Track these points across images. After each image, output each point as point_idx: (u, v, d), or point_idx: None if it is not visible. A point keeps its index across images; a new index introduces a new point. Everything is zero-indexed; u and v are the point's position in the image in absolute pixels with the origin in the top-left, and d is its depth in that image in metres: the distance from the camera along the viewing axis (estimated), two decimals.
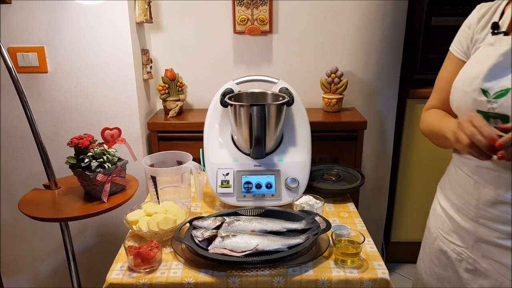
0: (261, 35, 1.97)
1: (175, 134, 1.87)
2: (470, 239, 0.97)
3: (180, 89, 1.99)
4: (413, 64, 2.01)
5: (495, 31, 0.91)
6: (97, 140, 1.45)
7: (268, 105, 1.31)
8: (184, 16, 1.94)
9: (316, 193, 1.33)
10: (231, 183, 1.34)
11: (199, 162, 1.37)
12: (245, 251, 1.04)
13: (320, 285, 1.02)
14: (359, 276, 1.02)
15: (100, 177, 1.35)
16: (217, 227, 1.14)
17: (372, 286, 1.02)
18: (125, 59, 1.72)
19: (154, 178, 1.32)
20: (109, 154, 1.39)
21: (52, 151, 1.53)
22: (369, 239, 1.17)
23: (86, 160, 1.36)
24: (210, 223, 1.14)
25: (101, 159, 1.37)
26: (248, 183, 1.34)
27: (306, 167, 1.38)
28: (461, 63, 1.00)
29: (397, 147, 2.14)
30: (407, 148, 2.10)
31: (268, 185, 1.34)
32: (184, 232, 1.14)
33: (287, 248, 1.06)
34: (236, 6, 1.89)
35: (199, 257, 1.07)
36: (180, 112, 1.97)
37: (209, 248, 1.06)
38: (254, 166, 1.37)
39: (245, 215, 1.23)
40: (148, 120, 1.89)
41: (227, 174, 1.36)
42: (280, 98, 1.37)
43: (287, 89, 1.41)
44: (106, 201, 1.39)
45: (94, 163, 1.35)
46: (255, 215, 1.23)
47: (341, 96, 1.97)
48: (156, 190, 1.33)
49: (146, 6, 1.77)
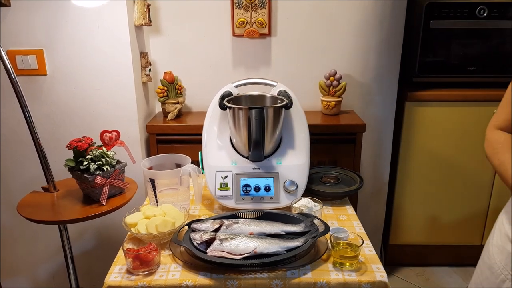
0: (260, 38, 1.97)
1: (174, 137, 1.87)
2: None
3: (179, 92, 1.99)
4: (412, 67, 2.01)
5: None
6: (96, 143, 1.45)
7: (267, 108, 1.31)
8: (183, 19, 1.95)
9: (315, 196, 1.33)
10: (230, 186, 1.35)
11: (198, 165, 1.37)
12: (244, 254, 1.04)
13: None
14: (358, 279, 1.02)
15: (99, 180, 1.35)
16: (216, 230, 1.14)
17: None
18: (124, 62, 1.72)
19: (153, 181, 1.32)
20: (108, 157, 1.39)
21: (51, 154, 1.53)
22: (368, 242, 1.17)
23: (85, 163, 1.36)
24: (209, 226, 1.14)
25: (100, 162, 1.37)
26: (247, 186, 1.34)
27: (305, 170, 1.38)
28: None
29: (396, 150, 2.15)
30: (406, 151, 2.10)
31: (267, 188, 1.34)
32: (183, 235, 1.14)
33: (286, 251, 1.06)
34: (235, 9, 1.90)
35: (198, 260, 1.07)
36: (179, 115, 1.98)
37: (208, 251, 1.06)
38: (253, 169, 1.38)
39: (244, 218, 1.23)
40: (147, 123, 1.89)
41: (226, 177, 1.36)
42: (279, 101, 1.37)
43: (286, 92, 1.41)
44: (105, 204, 1.38)
45: (93, 166, 1.35)
46: (254, 218, 1.23)
47: (340, 99, 1.97)
48: (155, 193, 1.33)
49: (145, 9, 1.77)
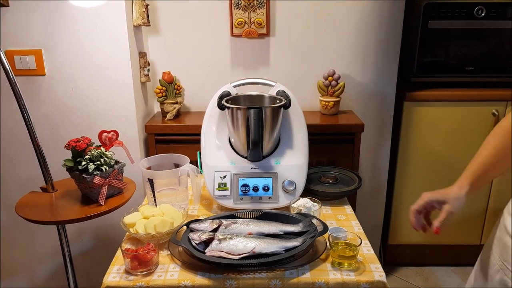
0: (258, 38, 1.97)
1: (173, 137, 1.87)
2: None
3: (178, 92, 1.99)
4: (410, 67, 2.02)
5: None
6: (95, 143, 1.45)
7: (265, 108, 1.31)
8: (182, 19, 1.95)
9: (313, 196, 1.33)
10: (228, 186, 1.35)
11: (196, 165, 1.38)
12: (242, 254, 1.04)
13: None
14: (356, 279, 1.02)
15: (97, 180, 1.35)
16: (214, 230, 1.14)
17: None
18: (123, 62, 1.72)
19: (151, 181, 1.32)
20: (107, 157, 1.39)
21: (49, 154, 1.53)
22: (366, 242, 1.17)
23: (83, 163, 1.36)
24: (207, 226, 1.14)
25: (98, 162, 1.36)
26: (245, 186, 1.34)
27: (303, 170, 1.39)
28: None
29: (395, 150, 2.15)
30: (405, 151, 2.11)
31: (265, 188, 1.34)
32: (181, 235, 1.14)
33: (284, 251, 1.06)
34: (234, 9, 1.90)
35: (196, 260, 1.07)
36: (178, 115, 1.98)
37: (206, 251, 1.06)
38: (251, 169, 1.38)
39: (242, 218, 1.23)
40: (146, 123, 1.89)
41: (224, 177, 1.36)
42: (277, 101, 1.38)
43: (284, 92, 1.41)
44: (103, 204, 1.38)
45: (91, 166, 1.35)
46: (252, 218, 1.23)
47: (338, 99, 1.97)
48: (153, 193, 1.33)
49: (144, 9, 1.77)
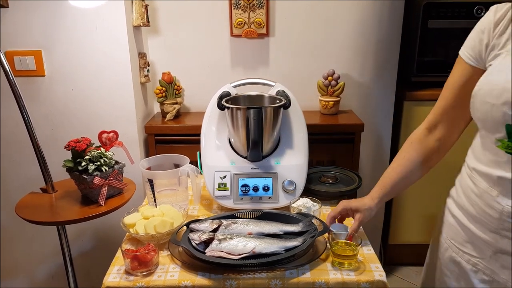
0: (258, 38, 1.97)
1: (172, 137, 1.87)
2: (488, 250, 0.94)
3: (177, 92, 1.99)
4: (410, 67, 2.02)
5: None
6: (94, 144, 1.45)
7: (265, 108, 1.31)
8: (181, 20, 1.95)
9: (313, 196, 1.33)
10: (228, 186, 1.35)
11: (196, 165, 1.37)
12: (242, 254, 1.04)
13: None
14: (356, 279, 1.02)
15: (97, 181, 1.35)
16: (214, 230, 1.14)
17: None
18: (122, 63, 1.72)
19: (151, 181, 1.32)
20: (106, 158, 1.39)
21: (49, 155, 1.53)
22: (367, 241, 1.17)
23: (83, 164, 1.36)
24: (207, 226, 1.14)
25: (98, 163, 1.36)
26: (245, 186, 1.34)
27: (303, 170, 1.38)
28: (473, 70, 0.96)
29: (394, 150, 2.15)
30: None
31: (265, 188, 1.34)
32: (181, 235, 1.14)
33: (284, 251, 1.06)
34: (233, 9, 1.90)
35: (196, 260, 1.07)
36: (177, 115, 1.98)
37: (206, 251, 1.06)
38: (251, 169, 1.38)
39: (242, 218, 1.23)
40: (145, 123, 1.89)
41: (224, 177, 1.36)
42: (277, 101, 1.37)
43: (284, 92, 1.41)
44: (103, 205, 1.38)
45: (91, 167, 1.35)
46: (252, 218, 1.23)
47: (338, 99, 1.97)
48: (153, 193, 1.33)
49: (143, 10, 1.77)
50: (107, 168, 1.38)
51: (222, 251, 1.05)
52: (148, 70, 1.91)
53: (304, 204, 1.26)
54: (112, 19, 1.66)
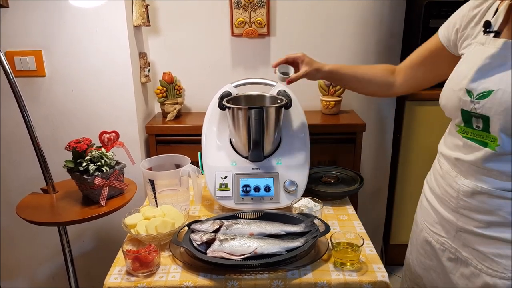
0: (259, 38, 1.97)
1: (173, 138, 1.87)
2: (452, 230, 1.02)
3: (178, 92, 1.98)
4: None
5: (487, 30, 0.92)
6: (95, 144, 1.44)
7: (266, 108, 1.30)
8: (182, 19, 1.94)
9: (315, 196, 1.33)
10: (230, 186, 1.34)
11: (197, 165, 1.37)
12: (244, 255, 1.04)
13: None
14: (359, 279, 1.02)
15: (98, 181, 1.35)
16: (216, 231, 1.13)
17: None
18: (123, 63, 1.71)
19: (152, 182, 1.32)
20: (107, 158, 1.39)
21: (50, 155, 1.53)
22: (368, 242, 1.17)
23: (84, 164, 1.35)
24: (209, 227, 1.14)
25: (99, 163, 1.36)
26: (247, 186, 1.34)
27: (305, 170, 1.38)
28: (441, 47, 1.08)
29: (396, 149, 2.14)
30: (406, 150, 2.10)
31: (267, 188, 1.34)
32: (183, 236, 1.14)
33: (286, 251, 1.05)
34: (234, 9, 1.89)
35: (198, 261, 1.06)
36: (178, 116, 1.97)
37: (208, 252, 1.05)
38: (253, 169, 1.37)
39: (244, 218, 1.22)
40: (146, 124, 1.89)
41: (226, 177, 1.35)
42: (278, 101, 1.37)
43: (285, 92, 1.41)
44: (104, 205, 1.38)
45: (92, 167, 1.35)
46: (254, 218, 1.23)
47: (340, 99, 1.97)
48: (154, 194, 1.33)
49: (144, 10, 1.77)
50: (108, 169, 1.38)
51: (224, 252, 1.04)
52: (149, 70, 1.90)
53: (306, 205, 1.26)
54: (113, 19, 1.66)
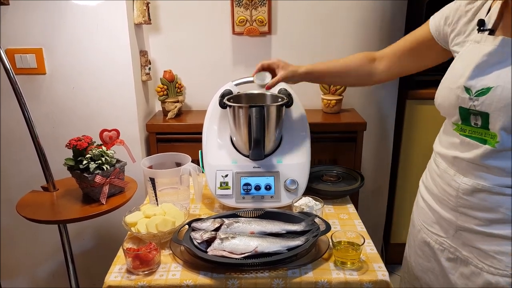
0: (260, 36, 1.96)
1: (174, 136, 1.86)
2: (451, 229, 1.02)
3: (179, 91, 1.98)
4: None
5: (481, 28, 0.92)
6: (96, 142, 1.44)
7: (267, 107, 1.30)
8: (183, 17, 1.94)
9: (316, 195, 1.33)
10: (230, 185, 1.34)
11: (198, 164, 1.37)
12: (244, 253, 1.04)
13: (320, 287, 1.01)
14: (359, 278, 1.02)
15: (99, 179, 1.35)
16: (216, 229, 1.13)
17: None
18: (124, 61, 1.71)
19: (153, 180, 1.32)
20: (108, 156, 1.38)
21: (50, 153, 1.52)
22: (369, 241, 1.17)
23: (85, 162, 1.35)
24: (209, 225, 1.14)
25: (100, 161, 1.36)
26: (247, 185, 1.34)
27: (306, 169, 1.38)
28: (430, 38, 1.07)
29: (397, 148, 2.14)
30: (407, 149, 2.10)
31: (267, 187, 1.34)
32: (183, 234, 1.14)
33: (287, 250, 1.05)
34: (235, 7, 1.89)
35: (198, 259, 1.06)
36: (179, 114, 1.97)
37: (208, 250, 1.05)
38: (253, 168, 1.37)
39: (244, 217, 1.22)
40: (147, 122, 1.88)
41: (226, 176, 1.35)
42: (279, 99, 1.37)
43: (286, 90, 1.41)
44: (105, 203, 1.38)
45: (93, 165, 1.34)
46: (254, 217, 1.23)
47: (341, 97, 1.97)
48: (155, 192, 1.33)
49: (145, 7, 1.76)
50: (109, 167, 1.37)
51: (224, 250, 1.04)
52: (150, 68, 1.90)
53: (306, 203, 1.26)
54: (113, 17, 1.66)
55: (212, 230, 1.12)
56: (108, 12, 1.65)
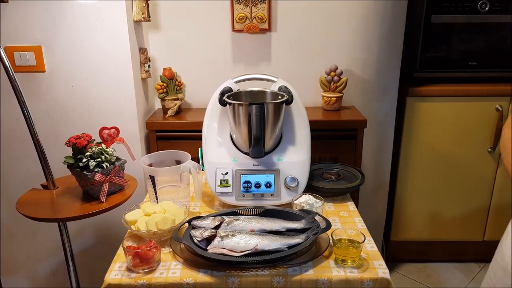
0: (260, 33, 1.96)
1: (174, 134, 1.86)
2: None
3: (179, 88, 1.98)
4: (413, 62, 2.00)
5: None
6: (95, 140, 1.44)
7: (267, 104, 1.30)
8: (183, 14, 1.93)
9: (316, 192, 1.32)
10: (230, 183, 1.34)
11: (198, 162, 1.37)
12: (245, 251, 1.04)
13: (320, 285, 1.01)
14: (360, 276, 1.01)
15: (98, 177, 1.34)
16: (216, 227, 1.13)
17: (373, 286, 1.01)
18: (123, 58, 1.70)
19: (153, 178, 1.31)
20: (107, 154, 1.38)
21: (50, 151, 1.52)
22: (369, 239, 1.16)
23: (84, 160, 1.35)
24: (209, 223, 1.14)
25: (99, 159, 1.36)
26: (247, 183, 1.34)
27: (306, 166, 1.38)
28: None
29: (397, 146, 2.14)
30: (407, 147, 2.10)
31: (268, 185, 1.33)
32: (183, 232, 1.13)
33: (287, 248, 1.05)
34: (235, 4, 1.88)
35: (198, 257, 1.06)
36: (179, 111, 1.97)
37: (208, 248, 1.05)
38: (253, 166, 1.37)
39: (245, 215, 1.22)
40: (147, 119, 1.88)
41: (226, 174, 1.35)
42: (279, 97, 1.36)
43: (286, 88, 1.40)
44: (105, 201, 1.38)
45: (92, 163, 1.34)
46: (255, 215, 1.22)
47: (341, 95, 1.96)
48: (155, 190, 1.32)
49: (144, 5, 1.76)
50: (108, 165, 1.37)
51: (224, 248, 1.04)
52: (149, 66, 1.89)
53: (307, 201, 1.26)
54: (113, 14, 1.65)
55: (212, 228, 1.12)
56: (107, 9, 1.64)
